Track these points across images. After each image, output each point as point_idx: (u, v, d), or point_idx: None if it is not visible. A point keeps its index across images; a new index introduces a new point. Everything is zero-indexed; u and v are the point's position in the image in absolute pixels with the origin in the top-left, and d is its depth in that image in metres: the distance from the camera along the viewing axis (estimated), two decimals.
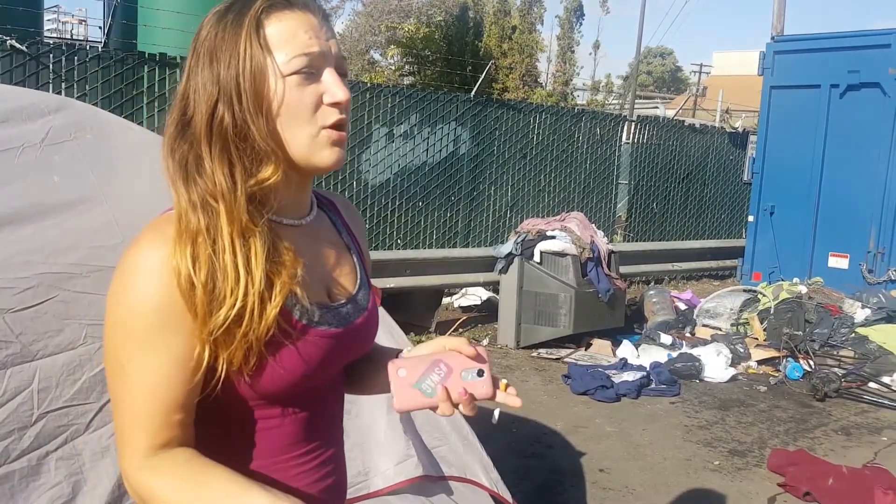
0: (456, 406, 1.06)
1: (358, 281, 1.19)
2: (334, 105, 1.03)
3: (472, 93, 8.97)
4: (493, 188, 9.12)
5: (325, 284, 1.13)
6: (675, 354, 6.39)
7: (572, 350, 6.68)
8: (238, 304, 0.98)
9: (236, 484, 0.97)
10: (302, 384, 1.07)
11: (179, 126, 1.04)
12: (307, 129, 1.03)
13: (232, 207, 1.00)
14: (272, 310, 1.00)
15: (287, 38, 1.01)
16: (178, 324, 0.98)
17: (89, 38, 20.43)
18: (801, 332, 6.75)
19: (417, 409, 1.07)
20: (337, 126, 1.04)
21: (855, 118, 8.40)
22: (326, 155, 1.05)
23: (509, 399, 1.11)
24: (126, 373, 1.00)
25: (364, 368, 1.26)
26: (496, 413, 1.03)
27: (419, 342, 5.01)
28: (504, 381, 1.10)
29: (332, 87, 1.03)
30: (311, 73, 1.02)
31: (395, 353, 1.17)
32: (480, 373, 1.07)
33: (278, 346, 1.02)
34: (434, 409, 1.06)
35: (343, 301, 1.14)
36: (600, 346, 6.71)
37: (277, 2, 1.02)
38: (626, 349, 6.53)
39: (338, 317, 1.11)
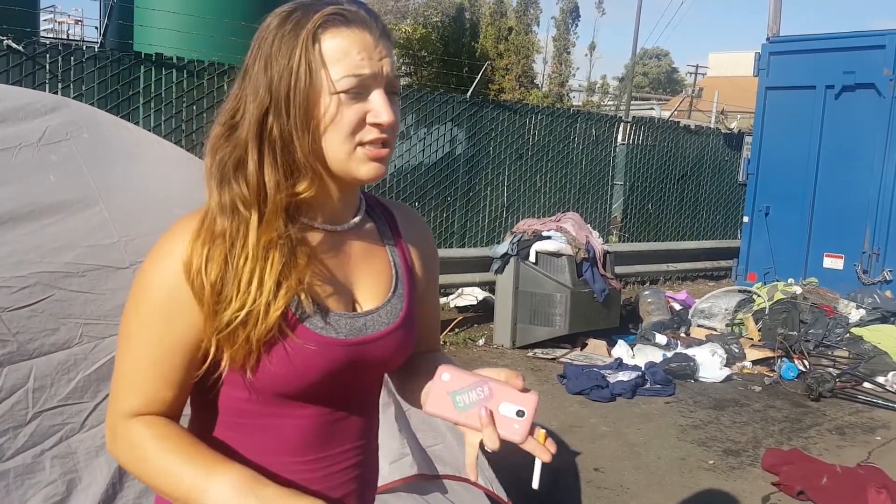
0: (478, 431, 1.04)
1: (390, 294, 1.17)
2: (376, 125, 1.05)
3: (469, 93, 8.98)
4: (489, 189, 9.13)
5: (345, 292, 1.13)
6: (670, 354, 6.40)
7: (568, 350, 6.69)
8: (244, 311, 1.01)
9: (208, 463, 1.02)
10: (310, 387, 1.08)
11: (227, 127, 1.06)
12: (346, 146, 1.04)
13: (266, 217, 1.03)
14: (274, 312, 1.02)
15: (340, 55, 1.02)
16: (182, 309, 1.03)
17: (86, 39, 20.40)
18: (795, 333, 6.77)
19: (444, 418, 1.05)
20: (376, 143, 1.05)
21: (850, 119, 8.43)
22: (364, 170, 1.06)
23: (542, 451, 1.04)
24: (130, 341, 1.06)
25: (408, 371, 1.25)
26: (536, 476, 0.91)
27: None
28: (543, 432, 1.03)
29: (378, 108, 1.04)
30: (359, 92, 1.03)
31: (435, 361, 1.17)
32: (521, 413, 1.01)
33: (278, 348, 1.04)
34: (455, 423, 1.06)
35: (363, 311, 1.14)
36: (596, 346, 6.72)
37: (335, 17, 1.03)
38: (621, 349, 6.54)
39: (351, 326, 1.11)
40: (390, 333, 1.15)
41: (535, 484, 1.09)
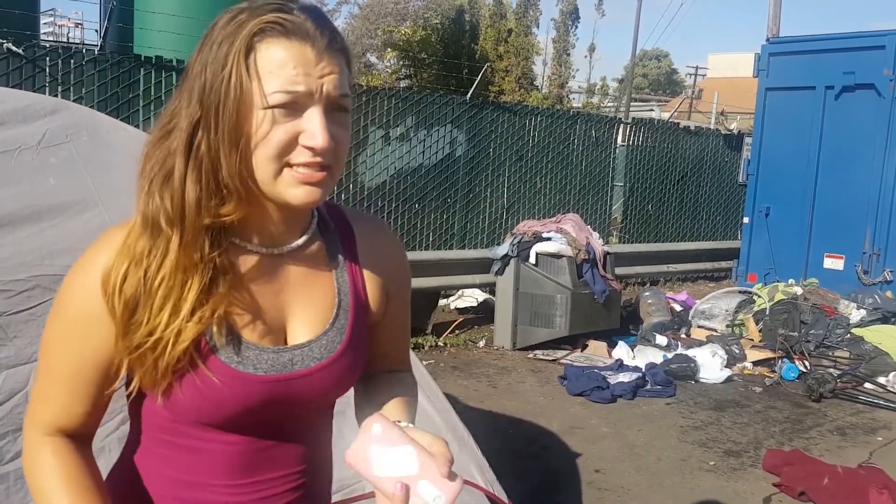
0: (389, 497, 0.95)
1: (328, 326, 1.08)
2: (309, 148, 0.95)
3: (469, 95, 8.98)
4: (489, 190, 9.13)
5: (275, 323, 1.05)
6: (670, 355, 6.40)
7: (568, 351, 6.69)
8: (154, 336, 0.96)
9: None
10: (229, 420, 1.02)
11: (163, 132, 0.99)
12: (273, 166, 0.95)
13: (184, 239, 0.96)
14: (181, 343, 0.96)
15: (274, 68, 0.93)
16: (98, 324, 0.99)
17: (85, 42, 20.40)
18: (796, 333, 6.77)
19: (360, 474, 0.96)
20: (311, 166, 0.95)
21: (850, 120, 8.43)
22: (293, 193, 0.96)
23: None
24: (47, 352, 1.03)
25: (367, 406, 1.15)
26: None
27: (416, 343, 5.03)
28: None
29: (313, 129, 0.94)
30: (293, 110, 0.94)
31: (403, 410, 1.11)
32: (438, 499, 0.92)
33: (189, 378, 0.99)
34: (369, 482, 0.98)
35: (291, 346, 1.05)
36: (596, 348, 6.72)
37: (274, 26, 0.94)
38: (621, 350, 6.54)
39: (274, 362, 1.03)
40: (322, 369, 1.06)
41: None
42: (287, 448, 1.10)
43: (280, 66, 0.93)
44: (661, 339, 6.90)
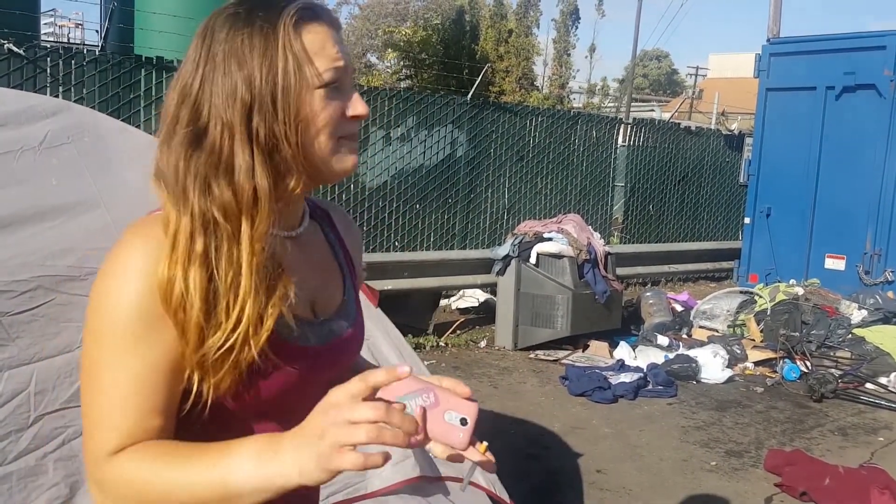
0: (422, 436, 0.98)
1: (344, 296, 1.16)
2: (355, 117, 1.04)
3: (469, 96, 8.98)
4: (490, 190, 9.13)
5: (310, 299, 1.09)
6: (671, 356, 6.40)
7: (569, 351, 6.69)
8: (238, 332, 0.94)
9: (216, 452, 0.91)
10: (283, 400, 1.04)
11: (193, 134, 0.98)
12: (330, 141, 1.02)
13: (260, 225, 0.96)
14: (264, 333, 0.96)
15: (317, 49, 1.00)
16: (160, 330, 0.95)
17: (86, 42, 20.43)
18: (797, 334, 6.77)
19: None
20: (353, 137, 1.05)
21: (851, 120, 8.43)
22: (345, 164, 1.04)
23: (484, 461, 1.01)
24: (100, 375, 0.95)
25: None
26: (466, 480, 0.95)
27: (417, 344, 5.04)
28: (485, 444, 1.02)
29: (356, 101, 1.04)
30: (337, 87, 1.02)
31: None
32: (464, 421, 1.00)
33: (259, 366, 0.98)
34: None
35: (328, 317, 1.11)
36: (597, 348, 6.72)
37: (308, 13, 1.00)
38: (622, 351, 6.54)
39: (321, 333, 1.08)
40: (352, 334, 1.14)
41: (464, 487, 1.13)
42: None
43: (322, 46, 1.00)
44: (663, 340, 6.90)
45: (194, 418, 1.00)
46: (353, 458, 0.84)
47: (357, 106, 1.04)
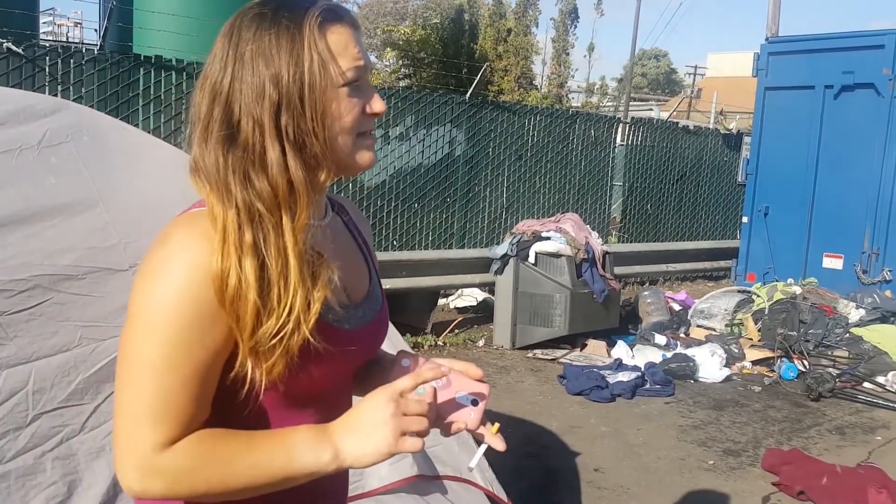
0: (436, 419, 1.08)
1: (370, 280, 1.22)
2: (373, 114, 1.08)
3: (468, 95, 8.98)
4: (488, 190, 9.13)
5: (343, 285, 1.12)
6: (669, 355, 6.40)
7: (567, 350, 6.69)
8: (292, 316, 0.99)
9: (274, 440, 1.00)
10: (322, 385, 1.09)
11: (227, 131, 1.02)
12: (351, 137, 1.06)
13: (301, 215, 1.02)
14: (312, 317, 1.00)
15: (341, 49, 1.04)
16: (213, 322, 0.98)
17: (85, 41, 20.39)
18: (795, 333, 6.77)
19: None
20: (370, 133, 1.10)
21: (849, 119, 8.43)
22: (364, 160, 1.09)
23: (494, 440, 1.13)
24: (151, 367, 0.97)
25: (370, 367, 1.26)
26: (476, 458, 1.15)
27: (415, 343, 5.05)
28: (497, 425, 1.11)
29: (376, 99, 1.08)
30: (359, 85, 1.06)
31: (393, 356, 1.23)
32: (475, 402, 1.09)
33: (307, 349, 1.02)
34: None
35: (360, 301, 1.17)
36: (595, 347, 6.73)
37: (331, 14, 1.05)
38: (620, 350, 6.54)
39: (356, 317, 1.13)
40: (380, 317, 1.20)
41: (473, 464, 1.18)
42: (336, 414, 1.14)
43: (345, 46, 1.04)
44: (660, 339, 6.91)
45: (239, 409, 1.04)
46: (413, 442, 0.99)
47: (376, 103, 1.08)
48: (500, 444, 1.12)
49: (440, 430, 1.11)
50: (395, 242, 8.36)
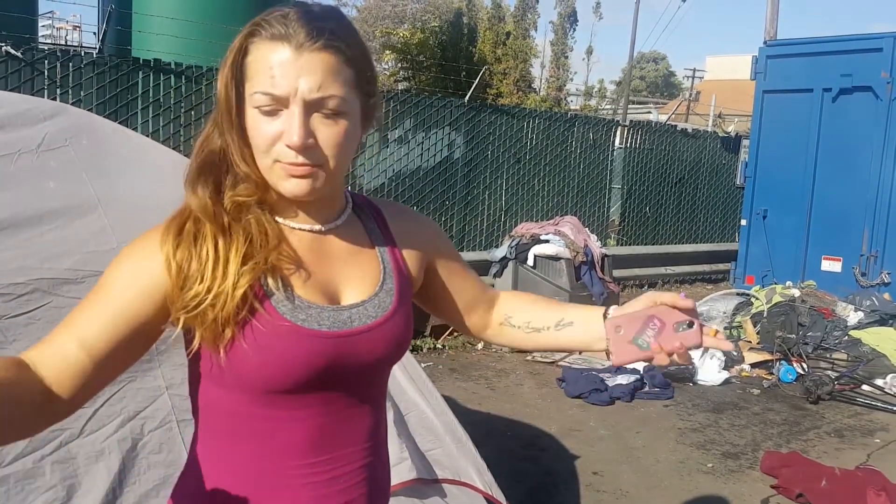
0: (670, 356, 1.15)
1: (377, 289, 1.16)
2: (288, 145, 1.02)
3: (467, 98, 9.00)
4: (487, 192, 9.14)
5: (330, 288, 1.12)
6: None
7: (566, 353, 6.69)
8: (213, 290, 1.02)
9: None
10: (298, 383, 1.05)
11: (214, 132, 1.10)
12: (265, 160, 1.05)
13: (213, 218, 1.06)
14: (238, 290, 1.02)
15: (258, 69, 1.02)
16: (145, 287, 1.03)
17: (84, 45, 20.40)
18: (794, 336, 6.78)
19: (635, 361, 1.18)
20: (291, 163, 1.03)
21: (847, 122, 8.44)
22: (283, 186, 1.05)
23: (720, 343, 1.18)
24: (95, 288, 1.04)
25: (550, 324, 1.34)
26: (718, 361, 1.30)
27: (414, 346, 5.03)
28: (714, 328, 1.18)
29: (288, 129, 1.01)
30: (275, 109, 1.01)
31: (595, 310, 1.28)
32: (691, 324, 1.14)
33: (258, 338, 1.03)
34: (650, 360, 1.16)
35: (346, 305, 1.12)
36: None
37: (260, 30, 1.02)
38: None
39: (335, 319, 1.09)
40: (380, 326, 1.13)
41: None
42: (352, 424, 1.14)
43: (263, 68, 1.01)
44: None
45: (221, 404, 1.08)
46: None
47: (290, 135, 1.01)
48: (727, 345, 1.19)
49: (677, 360, 1.16)
50: None
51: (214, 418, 1.11)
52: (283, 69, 1.00)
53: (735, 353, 6.58)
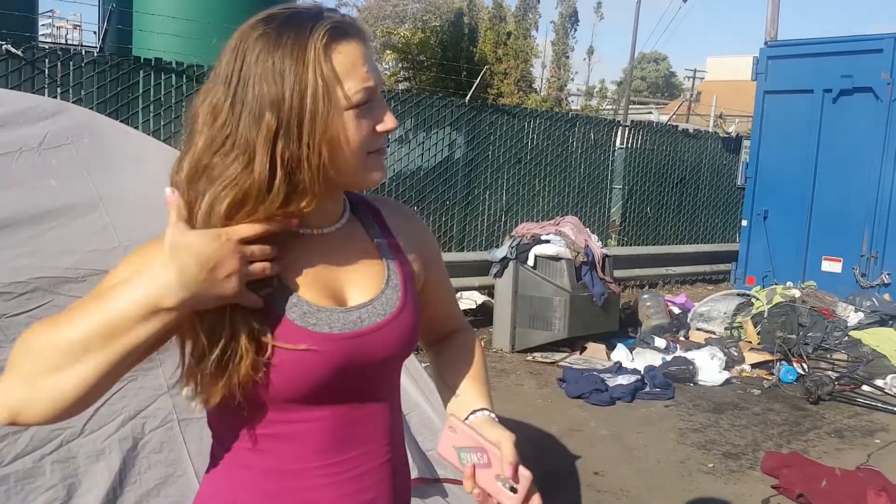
0: (473, 491, 1.10)
1: (383, 286, 1.15)
2: (384, 132, 1.06)
3: (467, 98, 8.99)
4: (487, 193, 9.14)
5: (336, 290, 1.11)
6: (669, 358, 6.40)
7: (567, 354, 6.69)
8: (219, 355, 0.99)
9: (105, 291, 0.96)
10: (319, 388, 1.05)
11: (216, 146, 1.00)
12: (359, 158, 1.05)
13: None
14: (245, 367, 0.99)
15: (348, 69, 1.01)
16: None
17: (84, 43, 20.40)
18: (794, 336, 6.78)
19: (449, 462, 1.14)
20: (381, 151, 1.08)
21: (848, 123, 8.44)
22: (374, 177, 1.08)
23: None
24: (100, 289, 1.00)
25: (451, 382, 1.28)
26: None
27: (416, 347, 4.96)
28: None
29: (387, 116, 1.06)
30: (369, 104, 1.03)
31: (476, 402, 1.22)
32: (514, 490, 1.07)
33: (278, 354, 1.02)
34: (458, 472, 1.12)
35: (355, 305, 1.12)
36: (595, 350, 6.72)
37: (338, 30, 1.01)
38: (620, 353, 6.54)
39: (345, 321, 1.09)
40: (389, 324, 1.13)
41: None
42: (370, 422, 1.14)
43: (353, 65, 1.01)
44: (660, 342, 6.91)
45: (240, 410, 1.04)
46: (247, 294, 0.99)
47: (387, 121, 1.06)
48: None
49: (476, 497, 1.11)
50: None
51: (232, 428, 1.09)
52: (370, 63, 1.03)
53: (736, 354, 6.58)
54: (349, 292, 1.13)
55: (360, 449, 1.12)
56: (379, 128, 1.05)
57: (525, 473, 1.07)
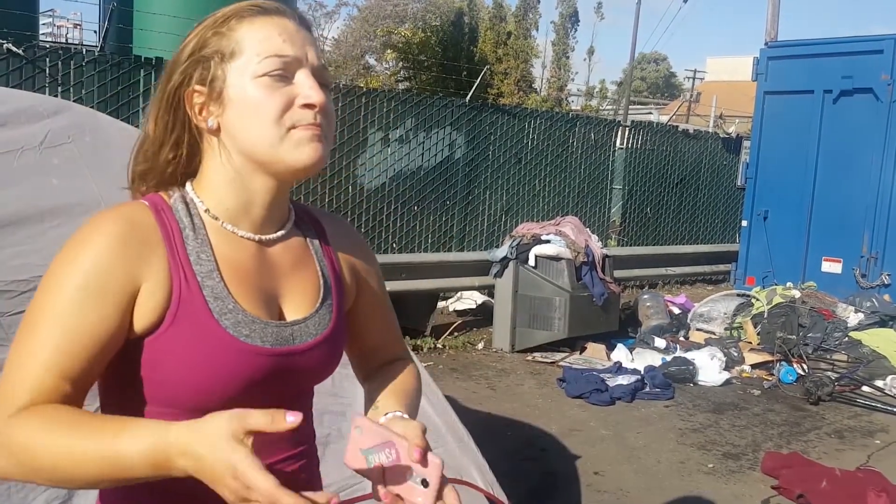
0: (384, 497, 0.99)
1: (318, 304, 1.13)
2: (307, 107, 1.01)
3: (468, 98, 8.99)
4: (488, 193, 9.14)
5: (272, 302, 1.08)
6: (669, 358, 6.40)
7: (567, 354, 6.69)
8: None
9: (112, 425, 0.89)
10: (233, 399, 0.97)
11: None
12: (275, 130, 1.00)
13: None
14: None
15: (260, 39, 1.01)
16: (107, 290, 0.96)
17: (85, 42, 20.39)
18: (794, 337, 6.78)
19: (357, 471, 1.01)
20: (309, 125, 1.01)
21: (848, 123, 8.44)
22: (304, 152, 1.01)
23: None
24: (53, 315, 0.95)
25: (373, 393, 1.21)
26: None
27: (415, 346, 5.02)
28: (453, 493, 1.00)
29: (306, 89, 1.01)
30: (283, 75, 1.01)
31: (393, 400, 1.16)
32: (425, 483, 0.98)
33: (199, 353, 0.99)
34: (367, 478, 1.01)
35: (289, 322, 1.09)
36: (595, 350, 6.73)
37: (252, 9, 1.04)
38: (620, 353, 6.54)
39: (278, 336, 1.06)
40: (320, 344, 1.11)
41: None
42: (282, 434, 1.08)
43: (266, 37, 1.02)
44: (660, 342, 6.91)
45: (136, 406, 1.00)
46: None
47: (309, 94, 1.01)
48: None
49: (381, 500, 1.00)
50: (394, 245, 8.36)
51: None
52: (290, 35, 1.03)
53: (735, 354, 6.58)
54: (284, 305, 1.10)
55: (281, 455, 1.09)
56: (298, 101, 1.00)
57: (435, 461, 0.97)
